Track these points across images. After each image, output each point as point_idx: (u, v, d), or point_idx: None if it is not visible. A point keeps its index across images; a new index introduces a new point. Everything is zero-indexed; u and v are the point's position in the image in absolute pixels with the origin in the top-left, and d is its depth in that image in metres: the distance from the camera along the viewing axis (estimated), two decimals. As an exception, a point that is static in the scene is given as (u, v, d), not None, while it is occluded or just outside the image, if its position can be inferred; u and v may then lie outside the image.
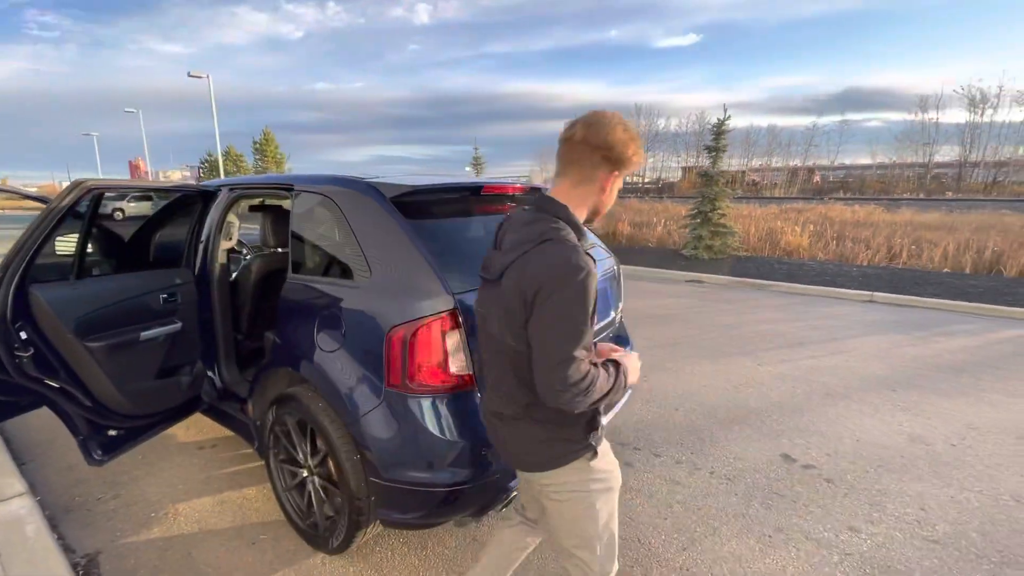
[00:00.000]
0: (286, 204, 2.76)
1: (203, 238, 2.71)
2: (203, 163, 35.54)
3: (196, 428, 3.29)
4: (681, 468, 2.83)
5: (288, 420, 2.16)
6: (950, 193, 35.89)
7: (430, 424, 1.76)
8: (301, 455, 2.15)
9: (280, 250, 3.07)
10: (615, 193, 1.25)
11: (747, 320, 6.08)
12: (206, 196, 2.72)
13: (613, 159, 1.16)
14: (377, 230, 1.94)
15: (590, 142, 1.15)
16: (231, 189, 2.74)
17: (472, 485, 1.79)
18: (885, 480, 2.71)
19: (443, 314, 1.74)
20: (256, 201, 3.31)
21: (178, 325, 2.48)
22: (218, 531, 2.33)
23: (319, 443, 2.02)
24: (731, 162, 52.98)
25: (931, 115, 44.55)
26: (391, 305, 1.80)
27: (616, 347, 1.39)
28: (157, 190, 2.72)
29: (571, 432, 1.23)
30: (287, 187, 2.38)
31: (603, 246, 2.87)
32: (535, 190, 2.65)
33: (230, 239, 2.80)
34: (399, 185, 2.00)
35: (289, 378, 2.20)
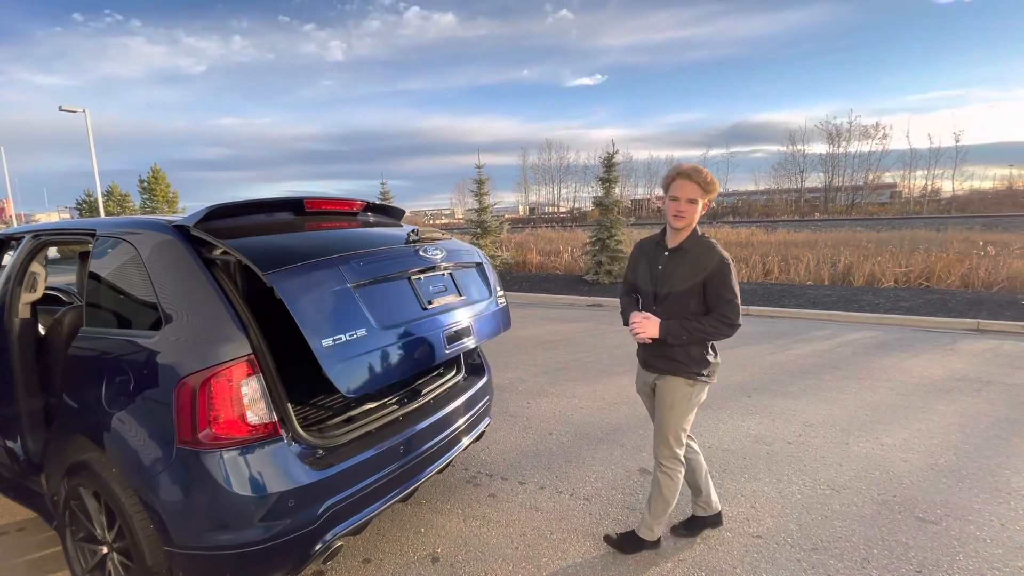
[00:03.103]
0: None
1: (-4, 291, 2.41)
2: (80, 204, 31.83)
3: (1, 508, 2.84)
4: (543, 493, 2.86)
5: (83, 491, 1.93)
6: (818, 214, 40.90)
7: (230, 479, 1.64)
8: (99, 529, 1.92)
9: None
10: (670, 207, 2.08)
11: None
12: None
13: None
14: (175, 274, 1.83)
15: None
16: (35, 236, 2.48)
17: (283, 540, 1.69)
18: (727, 483, 2.91)
19: (238, 360, 1.66)
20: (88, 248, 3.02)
21: (-48, 393, 2.15)
22: (-1, 633, 1.99)
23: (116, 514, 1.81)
24: (638, 191, 56.83)
25: (800, 147, 50.91)
26: (182, 355, 1.69)
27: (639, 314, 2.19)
28: None
29: None
30: (89, 232, 2.19)
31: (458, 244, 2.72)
32: (384, 209, 2.68)
33: (34, 291, 2.51)
34: (198, 212, 1.90)
35: (81, 444, 1.97)
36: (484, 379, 2.81)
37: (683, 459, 2.24)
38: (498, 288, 2.79)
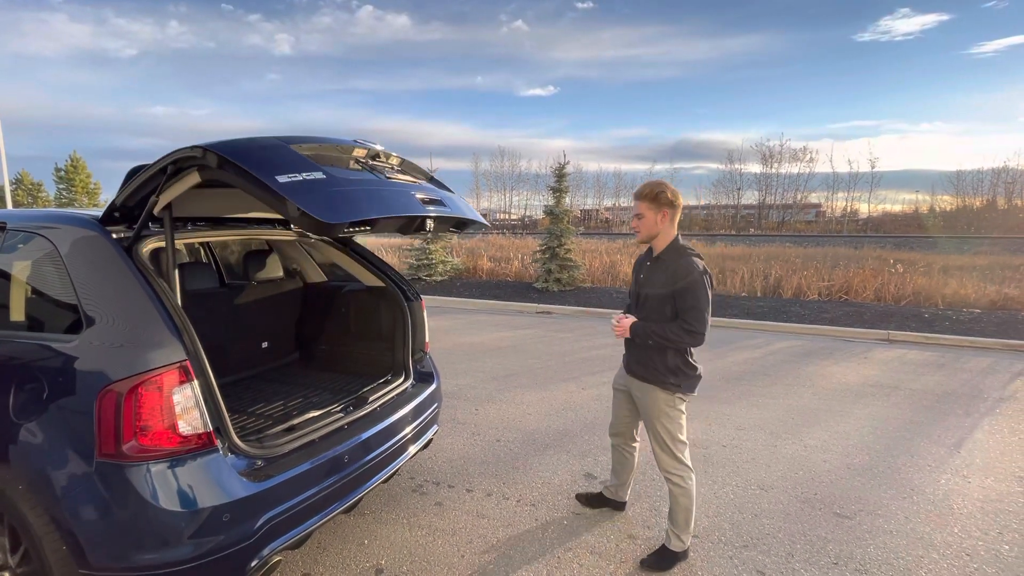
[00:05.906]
0: None
1: None
2: (-16, 192, 28.72)
3: None
4: (490, 500, 2.87)
5: (-20, 512, 1.74)
6: (753, 230, 43.62)
7: (157, 494, 1.53)
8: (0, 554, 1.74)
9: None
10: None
11: (581, 347, 6.55)
12: None
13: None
14: (99, 272, 1.70)
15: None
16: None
17: (215, 557, 1.60)
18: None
19: (170, 367, 1.56)
20: None
21: None
22: None
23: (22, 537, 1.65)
24: (587, 201, 58.24)
25: (737, 166, 54.09)
26: (106, 361, 1.57)
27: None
28: None
29: None
30: (-1, 225, 2.00)
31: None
32: None
33: None
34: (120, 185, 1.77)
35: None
36: (433, 386, 2.79)
37: (689, 464, 2.33)
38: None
